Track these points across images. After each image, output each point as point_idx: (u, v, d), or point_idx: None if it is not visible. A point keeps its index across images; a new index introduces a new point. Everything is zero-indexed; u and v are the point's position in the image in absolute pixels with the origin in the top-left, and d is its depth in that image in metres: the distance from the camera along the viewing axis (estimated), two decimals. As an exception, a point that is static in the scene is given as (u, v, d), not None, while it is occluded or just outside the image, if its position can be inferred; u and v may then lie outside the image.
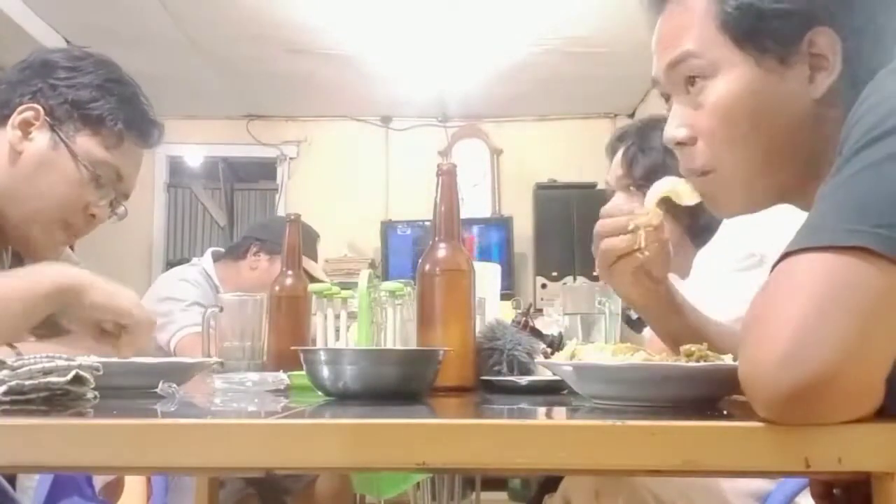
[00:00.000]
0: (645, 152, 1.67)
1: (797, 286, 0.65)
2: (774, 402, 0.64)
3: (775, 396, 0.63)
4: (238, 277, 2.65)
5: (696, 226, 1.62)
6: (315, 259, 2.84)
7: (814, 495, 0.92)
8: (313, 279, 2.76)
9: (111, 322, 1.22)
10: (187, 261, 2.92)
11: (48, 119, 1.31)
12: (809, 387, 0.62)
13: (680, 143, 0.93)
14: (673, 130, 0.94)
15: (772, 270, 0.69)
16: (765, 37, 0.86)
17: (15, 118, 1.30)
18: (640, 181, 1.66)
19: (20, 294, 1.15)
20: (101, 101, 1.34)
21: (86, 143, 1.33)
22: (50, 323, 1.33)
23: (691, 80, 0.90)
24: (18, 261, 1.43)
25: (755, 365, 0.65)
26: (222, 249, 2.83)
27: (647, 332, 1.79)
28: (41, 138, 1.31)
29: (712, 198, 0.96)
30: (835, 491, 0.90)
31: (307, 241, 2.65)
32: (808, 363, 0.62)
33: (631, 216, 1.03)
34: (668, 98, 0.97)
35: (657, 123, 1.69)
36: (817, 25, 0.85)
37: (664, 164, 1.62)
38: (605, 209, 1.08)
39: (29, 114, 1.31)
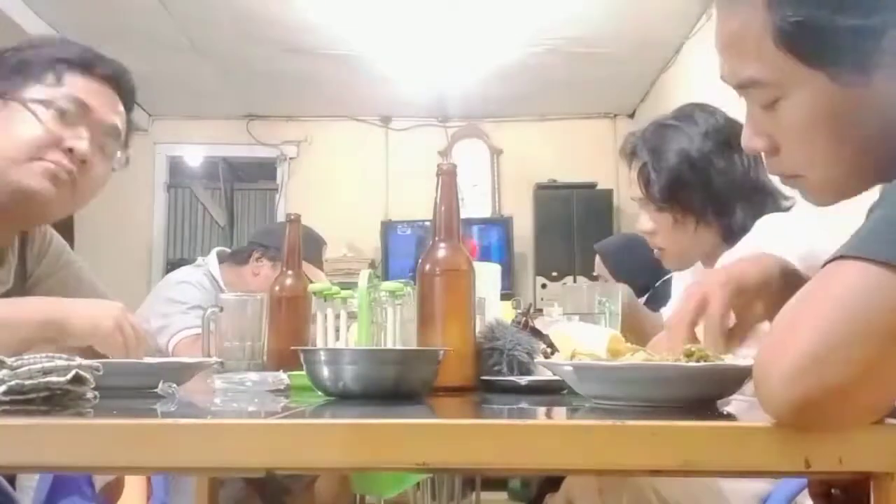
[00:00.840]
0: (660, 171, 1.59)
1: (835, 295, 0.63)
2: (780, 405, 0.63)
3: (785, 402, 0.63)
4: (241, 282, 2.65)
5: (730, 228, 1.58)
6: (321, 266, 2.81)
7: (812, 495, 0.92)
8: None
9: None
10: (187, 261, 2.92)
11: None
12: (822, 399, 0.61)
13: (761, 152, 0.88)
14: (751, 141, 0.88)
15: (822, 267, 0.67)
16: (833, 53, 0.77)
17: None
18: (662, 203, 1.60)
19: (4, 331, 1.14)
20: (36, 52, 1.33)
21: (33, 91, 1.31)
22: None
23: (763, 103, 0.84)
24: (21, 244, 1.41)
25: (773, 365, 0.64)
26: (227, 250, 2.84)
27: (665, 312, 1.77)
28: None
29: (807, 195, 0.89)
30: (833, 491, 0.90)
31: (312, 247, 2.64)
32: (825, 376, 0.61)
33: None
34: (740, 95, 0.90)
35: (666, 133, 1.61)
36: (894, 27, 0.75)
37: (681, 178, 1.57)
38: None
39: None
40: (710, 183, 1.56)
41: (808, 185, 0.87)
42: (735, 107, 1.00)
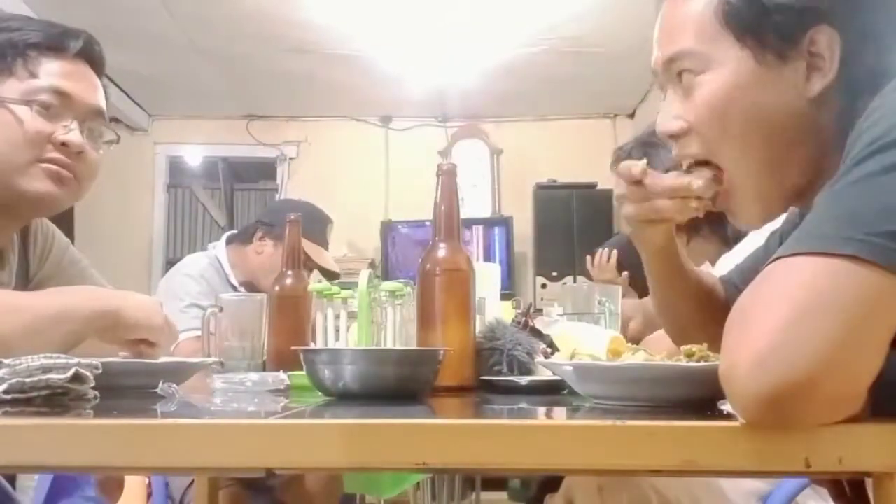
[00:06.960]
0: None
1: (783, 289, 0.64)
2: (748, 403, 0.63)
3: (749, 398, 0.63)
4: (245, 262, 2.69)
5: (726, 236, 1.60)
6: (325, 245, 2.81)
7: (833, 497, 0.92)
8: (322, 270, 2.74)
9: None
10: (189, 261, 2.92)
11: None
12: (784, 391, 0.61)
13: (674, 136, 0.94)
14: (666, 123, 0.94)
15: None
16: (767, 31, 0.86)
17: None
18: None
19: (58, 324, 1.10)
20: (2, 36, 1.30)
21: (9, 85, 1.28)
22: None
23: (680, 75, 0.92)
24: (24, 245, 1.41)
25: (733, 365, 0.65)
26: (236, 231, 2.87)
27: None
28: None
29: (730, 207, 0.95)
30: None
31: (316, 225, 2.65)
32: (783, 368, 0.61)
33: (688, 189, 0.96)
34: (664, 89, 0.97)
35: (649, 152, 1.68)
36: (820, 23, 0.84)
37: None
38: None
39: None
40: None
41: (731, 190, 0.92)
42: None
